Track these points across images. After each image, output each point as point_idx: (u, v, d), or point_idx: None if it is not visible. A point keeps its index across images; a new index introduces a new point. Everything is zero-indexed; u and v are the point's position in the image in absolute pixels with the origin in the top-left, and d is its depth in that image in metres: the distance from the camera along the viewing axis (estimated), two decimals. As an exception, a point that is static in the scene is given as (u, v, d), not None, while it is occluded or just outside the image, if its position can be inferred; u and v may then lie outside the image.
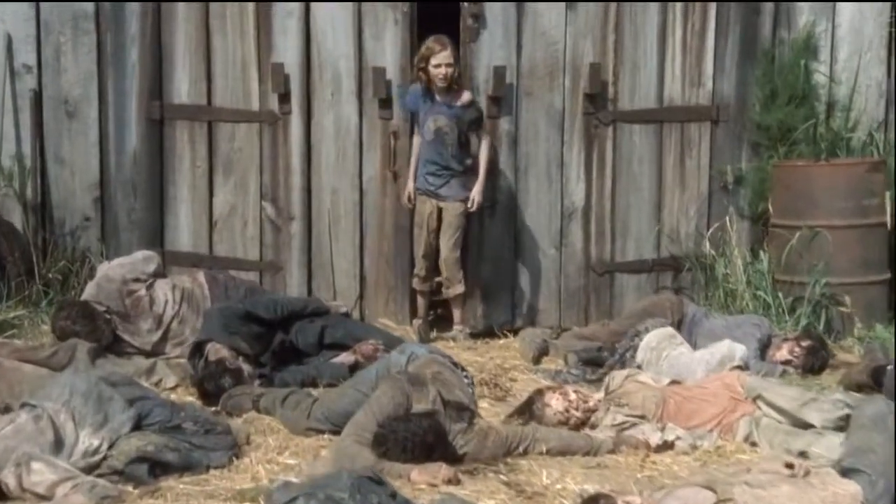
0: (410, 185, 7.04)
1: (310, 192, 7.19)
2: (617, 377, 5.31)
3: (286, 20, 7.13)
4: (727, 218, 7.42)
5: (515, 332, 7.21)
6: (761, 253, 7.34)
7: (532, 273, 7.35)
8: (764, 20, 7.46)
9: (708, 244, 7.40)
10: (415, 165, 7.00)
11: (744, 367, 5.70)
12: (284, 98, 7.13)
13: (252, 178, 7.22)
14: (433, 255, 6.96)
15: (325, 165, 7.20)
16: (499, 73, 7.15)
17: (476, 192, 6.88)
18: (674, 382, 5.40)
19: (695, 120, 7.42)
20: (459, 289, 6.97)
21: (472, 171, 6.93)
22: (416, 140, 7.02)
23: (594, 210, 7.38)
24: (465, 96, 6.87)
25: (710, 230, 7.43)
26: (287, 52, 7.12)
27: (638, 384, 5.23)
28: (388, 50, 7.13)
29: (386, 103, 7.13)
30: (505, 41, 7.18)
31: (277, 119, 7.15)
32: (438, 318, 7.26)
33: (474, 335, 7.13)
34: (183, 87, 7.19)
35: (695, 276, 7.47)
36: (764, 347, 6.35)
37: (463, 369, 5.13)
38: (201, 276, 6.69)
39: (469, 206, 6.86)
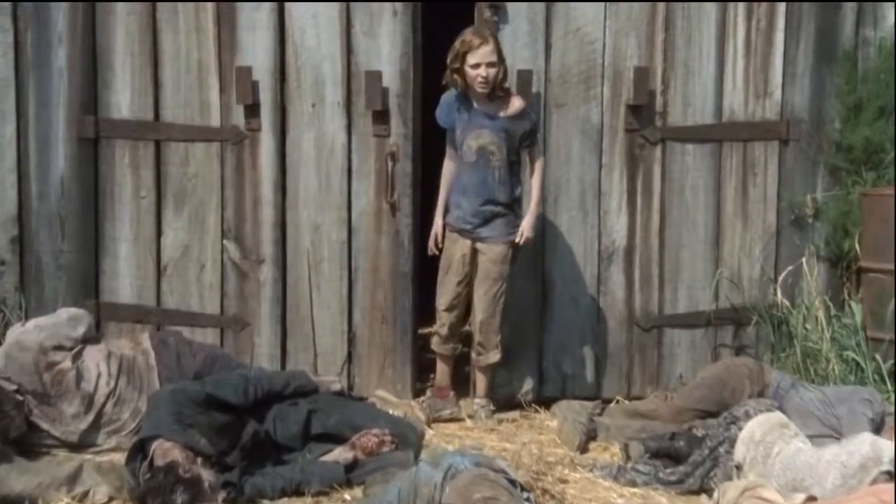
0: (438, 223, 5.84)
1: (284, 228, 6.10)
2: (730, 491, 3.89)
3: (254, 13, 5.99)
4: (803, 259, 6.22)
5: (544, 403, 6.02)
6: (850, 303, 6.10)
7: (563, 328, 6.17)
8: (845, 16, 6.27)
9: (779, 292, 6.20)
10: (445, 196, 5.83)
11: (893, 474, 4.27)
12: (252, 111, 6.02)
13: (211, 211, 6.12)
14: (462, 308, 5.76)
15: (303, 195, 6.07)
16: (523, 78, 5.96)
17: (527, 225, 5.68)
18: (811, 499, 3.95)
19: (760, 138, 6.27)
20: (494, 357, 5.76)
21: (519, 204, 5.77)
22: (448, 164, 5.82)
23: (639, 250, 6.22)
24: (516, 103, 5.65)
25: (782, 275, 6.23)
26: (256, 52, 6.00)
27: (763, 503, 3.76)
28: (384, 49, 5.95)
29: (382, 116, 5.96)
30: (531, 39, 6.02)
31: (243, 137, 6.05)
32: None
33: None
34: (123, 98, 6.10)
35: (761, 332, 6.26)
36: (876, 430, 4.99)
37: (523, 488, 3.62)
38: (146, 339, 5.47)
39: (517, 239, 5.67)
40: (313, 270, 6.07)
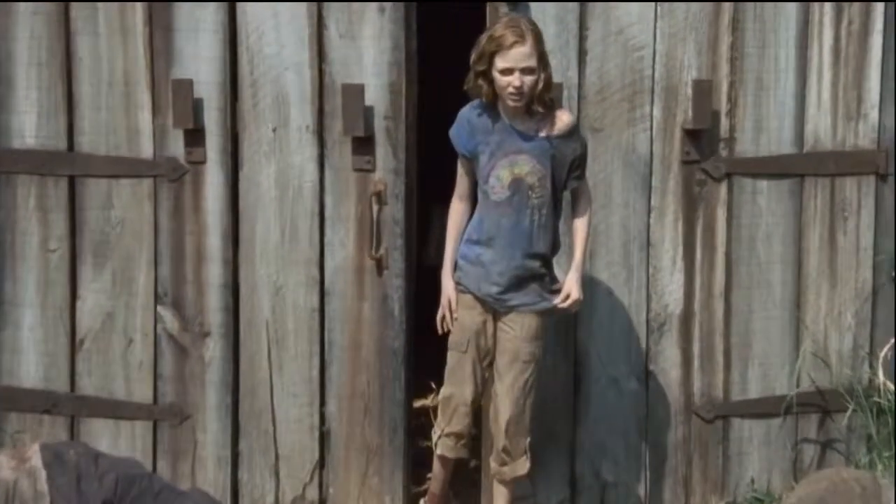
0: (450, 285, 4.59)
1: (236, 291, 5.20)
2: None
3: (197, 10, 5.05)
4: (910, 328, 5.19)
5: (578, 520, 4.95)
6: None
7: (601, 421, 5.21)
8: (958, 16, 5.28)
9: (880, 371, 5.21)
10: (454, 247, 4.65)
11: None
12: (195, 137, 5.12)
13: (141, 268, 5.24)
14: (476, 400, 4.58)
15: (261, 248, 5.15)
16: (551, 94, 4.93)
17: (573, 282, 4.51)
18: None
19: (852, 172, 5.31)
20: (522, 468, 4.54)
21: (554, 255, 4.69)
22: (457, 205, 4.65)
23: (698, 317, 5.22)
24: (564, 118, 4.46)
25: (884, 349, 5.24)
26: (199, 61, 5.09)
27: None
28: (367, 56, 5.00)
29: (364, 145, 4.99)
30: (560, 44, 5.02)
31: (183, 172, 5.12)
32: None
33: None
34: (28, 122, 5.23)
35: (854, 423, 5.27)
36: None
37: None
38: (36, 455, 4.30)
39: (561, 302, 4.53)
40: (274, 346, 5.13)
